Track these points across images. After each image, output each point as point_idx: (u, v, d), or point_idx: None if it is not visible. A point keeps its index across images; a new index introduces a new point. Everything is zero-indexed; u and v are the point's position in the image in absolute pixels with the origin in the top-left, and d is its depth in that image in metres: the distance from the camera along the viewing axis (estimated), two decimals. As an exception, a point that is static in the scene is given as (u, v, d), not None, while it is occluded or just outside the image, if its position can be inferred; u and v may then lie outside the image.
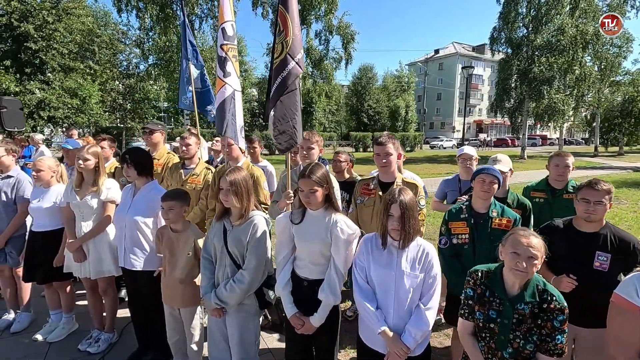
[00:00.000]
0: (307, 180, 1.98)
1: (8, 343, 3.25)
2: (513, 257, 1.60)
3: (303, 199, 2.01)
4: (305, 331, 2.02)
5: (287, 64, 2.43)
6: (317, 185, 1.98)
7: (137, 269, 2.72)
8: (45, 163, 3.19)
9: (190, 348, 2.61)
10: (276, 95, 2.46)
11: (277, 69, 2.45)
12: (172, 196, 2.43)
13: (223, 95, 2.89)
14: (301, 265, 2.09)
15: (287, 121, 2.52)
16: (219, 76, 2.91)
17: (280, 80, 2.43)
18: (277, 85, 2.45)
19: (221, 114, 2.92)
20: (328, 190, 2.03)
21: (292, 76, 2.46)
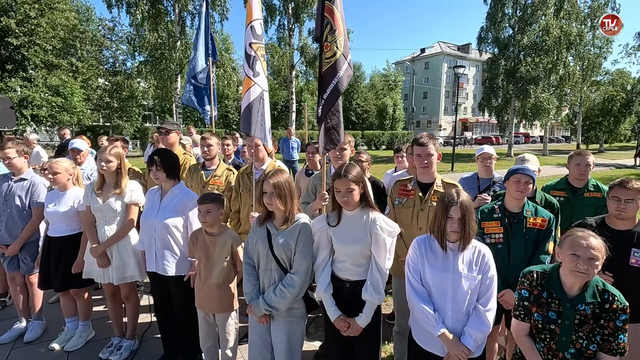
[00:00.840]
0: (344, 180, 1.97)
1: (24, 353, 3.12)
2: (573, 258, 1.61)
3: (340, 199, 1.99)
4: (352, 333, 2.01)
5: (342, 65, 2.40)
6: (354, 184, 1.97)
7: (170, 274, 2.64)
8: (61, 165, 3.06)
9: (225, 354, 2.56)
10: (332, 97, 2.43)
11: (331, 70, 2.41)
12: (210, 199, 2.37)
13: (251, 95, 2.83)
14: (341, 267, 2.07)
15: (329, 122, 2.50)
16: (247, 75, 2.84)
17: (336, 81, 2.40)
18: (334, 88, 2.41)
19: (249, 114, 2.86)
20: (364, 189, 2.02)
21: (347, 78, 2.43)
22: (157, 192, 2.76)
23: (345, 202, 1.99)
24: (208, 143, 3.36)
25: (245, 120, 2.86)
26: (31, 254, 3.28)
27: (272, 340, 2.19)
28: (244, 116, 2.88)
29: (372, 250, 1.99)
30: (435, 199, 2.42)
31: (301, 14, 16.74)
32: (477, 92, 60.73)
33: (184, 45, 14.35)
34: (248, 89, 2.84)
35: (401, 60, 62.68)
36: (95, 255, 2.85)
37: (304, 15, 16.77)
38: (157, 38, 14.14)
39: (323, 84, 2.49)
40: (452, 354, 1.79)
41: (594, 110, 30.93)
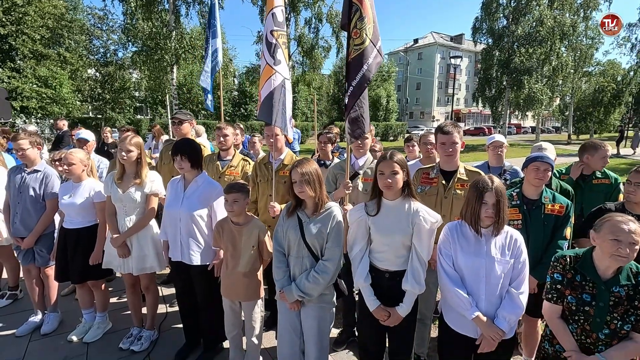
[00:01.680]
0: (389, 162, 1.98)
1: (43, 345, 3.11)
2: (614, 243, 1.65)
3: (383, 181, 1.99)
4: (392, 323, 2.04)
5: (370, 53, 2.39)
6: (398, 167, 1.98)
7: (195, 263, 2.65)
8: (76, 156, 3.02)
9: (251, 341, 2.58)
10: (360, 85, 2.42)
11: (359, 58, 2.40)
12: (237, 188, 2.37)
13: (272, 84, 2.81)
14: (380, 257, 2.09)
15: (357, 110, 2.50)
16: (268, 64, 2.81)
17: (365, 69, 2.39)
18: (362, 76, 2.40)
19: (269, 103, 2.84)
20: (407, 176, 2.03)
21: (376, 66, 2.43)
22: (180, 182, 2.75)
23: (388, 185, 1.98)
24: (224, 133, 3.33)
25: (266, 110, 2.84)
26: (47, 246, 3.24)
27: (302, 325, 2.22)
28: (265, 105, 2.85)
29: (414, 241, 2.01)
30: (459, 187, 2.46)
31: (298, 3, 16.51)
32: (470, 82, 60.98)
33: (180, 35, 14.08)
34: (268, 77, 2.81)
35: (395, 51, 62.47)
36: (115, 245, 2.83)
37: (301, 5, 16.55)
38: (151, 27, 13.82)
39: (350, 71, 2.48)
40: (486, 336, 1.84)
41: (585, 101, 31.35)
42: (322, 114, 46.78)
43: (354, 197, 2.76)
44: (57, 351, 3.02)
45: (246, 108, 34.09)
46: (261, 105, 2.87)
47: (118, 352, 3.01)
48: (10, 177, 3.21)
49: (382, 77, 50.49)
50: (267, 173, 3.14)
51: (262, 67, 2.86)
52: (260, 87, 2.85)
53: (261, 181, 3.16)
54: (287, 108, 2.88)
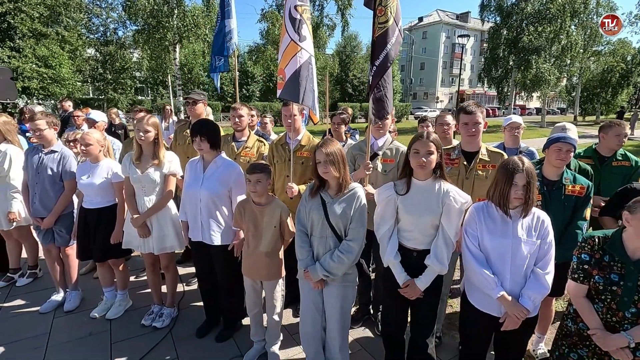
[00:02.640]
0: (425, 142, 1.97)
1: (67, 321, 3.19)
2: None
3: (417, 160, 1.99)
4: (411, 294, 2.08)
5: (393, 33, 2.33)
6: (435, 147, 1.97)
7: (216, 243, 2.68)
8: (93, 137, 3.00)
9: (272, 319, 2.64)
10: (384, 64, 2.37)
11: (383, 36, 2.35)
12: (260, 169, 2.37)
13: (298, 62, 2.75)
14: (408, 236, 2.11)
15: (381, 90, 2.46)
16: (293, 40, 2.74)
17: (389, 47, 2.34)
18: (385, 56, 2.35)
19: (295, 82, 2.78)
20: (441, 158, 2.02)
21: (398, 45, 2.37)
22: (199, 163, 2.74)
23: (422, 164, 1.97)
24: (239, 114, 3.29)
25: (292, 88, 2.78)
26: (66, 226, 3.28)
27: (325, 304, 2.26)
28: (290, 84, 2.79)
29: (442, 221, 2.02)
30: (481, 168, 2.45)
31: (301, -21, 15.95)
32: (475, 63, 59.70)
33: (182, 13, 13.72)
34: (294, 55, 2.74)
35: (399, 30, 60.96)
36: (136, 225, 2.86)
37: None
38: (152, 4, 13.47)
39: (375, 50, 2.42)
40: (510, 314, 1.87)
41: (593, 81, 30.78)
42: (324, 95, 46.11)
43: (372, 178, 2.76)
44: (81, 327, 3.11)
45: (248, 89, 33.65)
46: (286, 83, 2.80)
47: (140, 328, 3.09)
48: (28, 158, 3.21)
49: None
50: (284, 154, 3.12)
51: (286, 44, 2.78)
52: (283, 65, 2.78)
53: (278, 162, 3.15)
54: (314, 86, 2.84)
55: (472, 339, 2.09)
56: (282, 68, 2.79)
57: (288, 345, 2.88)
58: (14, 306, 3.43)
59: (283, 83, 2.79)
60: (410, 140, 2.07)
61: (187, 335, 3.02)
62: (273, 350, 2.71)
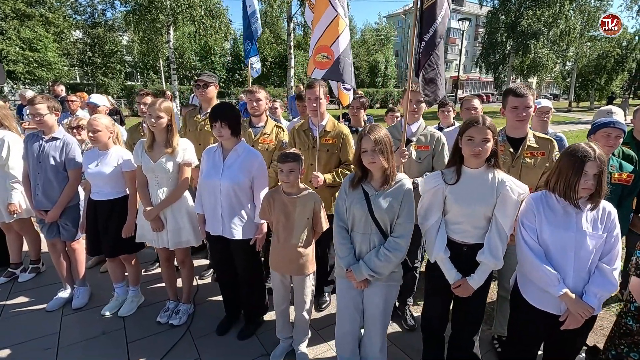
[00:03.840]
0: (481, 128, 1.79)
1: (77, 319, 3.01)
2: None
3: (471, 149, 1.82)
4: (463, 293, 1.94)
5: (442, 5, 2.12)
6: (491, 134, 1.80)
7: (237, 237, 2.49)
8: (101, 122, 2.76)
9: (302, 316, 2.49)
10: (433, 40, 2.16)
11: (432, 8, 2.13)
12: (292, 157, 2.17)
13: (346, 39, 2.55)
14: (457, 229, 1.95)
15: (434, 69, 2.26)
16: (340, 15, 2.51)
17: (439, 21, 2.13)
18: (435, 30, 2.15)
19: (344, 61, 2.59)
20: (496, 144, 1.85)
21: (447, 19, 2.17)
22: (218, 150, 2.53)
23: (477, 153, 1.81)
24: (257, 97, 3.06)
25: (338, 68, 2.57)
26: (72, 219, 3.06)
27: (367, 303, 2.11)
28: (337, 64, 2.58)
29: (496, 213, 1.86)
30: (529, 155, 2.29)
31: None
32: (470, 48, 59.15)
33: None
34: (343, 30, 2.53)
35: (394, 13, 59.92)
36: (149, 218, 2.66)
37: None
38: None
39: (423, 24, 2.21)
40: (573, 313, 1.74)
41: (588, 67, 30.72)
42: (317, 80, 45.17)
43: (406, 166, 2.58)
44: (93, 325, 2.93)
45: (241, 74, 32.91)
46: (333, 63, 2.59)
47: (156, 325, 2.93)
48: (28, 146, 2.96)
49: (380, 42, 48.81)
50: (307, 140, 2.93)
51: (330, 18, 2.54)
52: (329, 42, 2.54)
53: (301, 149, 2.93)
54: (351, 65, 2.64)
55: (524, 338, 1.97)
56: (327, 45, 2.56)
57: (314, 342, 2.74)
58: (18, 304, 3.23)
59: (330, 62, 2.56)
60: (463, 126, 1.89)
61: (206, 332, 2.87)
62: (301, 348, 2.57)
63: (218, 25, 14.58)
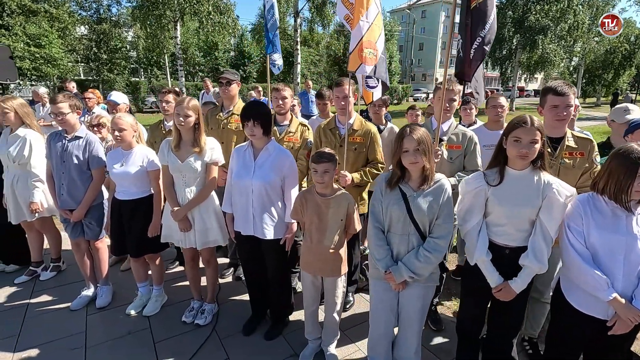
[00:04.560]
0: (530, 129, 1.74)
1: (102, 319, 3.00)
2: None
3: (518, 151, 1.77)
4: (504, 297, 1.90)
5: (493, 4, 2.07)
6: (540, 135, 1.75)
7: (269, 237, 2.47)
8: (126, 121, 2.73)
9: (332, 317, 2.47)
10: (485, 43, 2.11)
11: (482, 8, 2.08)
12: (327, 157, 2.14)
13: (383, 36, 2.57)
14: (499, 231, 1.91)
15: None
16: (380, 12, 2.50)
17: (492, 19, 2.08)
18: (488, 30, 2.09)
19: (383, 57, 2.61)
20: (544, 145, 1.80)
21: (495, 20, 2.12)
22: (248, 150, 2.49)
23: (524, 155, 1.76)
24: (282, 95, 3.02)
25: (382, 65, 2.58)
26: (96, 218, 3.04)
27: (403, 305, 2.08)
28: (382, 60, 2.59)
29: (541, 215, 1.82)
30: (567, 156, 2.24)
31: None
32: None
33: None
34: (382, 28, 2.55)
35: (398, 8, 59.49)
36: (177, 218, 2.63)
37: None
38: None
39: (472, 22, 2.14)
40: (623, 318, 1.70)
41: (596, 62, 30.40)
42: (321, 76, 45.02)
43: (437, 166, 2.53)
44: (118, 325, 2.92)
45: (245, 69, 32.76)
46: (379, 60, 2.57)
47: (181, 325, 2.91)
48: (51, 145, 2.93)
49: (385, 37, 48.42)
50: (334, 139, 2.89)
51: (374, 15, 2.52)
52: (374, 38, 2.52)
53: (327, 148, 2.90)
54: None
55: (568, 342, 1.93)
56: (373, 41, 2.54)
57: (342, 343, 2.71)
58: (41, 302, 3.22)
59: (376, 59, 2.55)
60: (509, 126, 1.84)
61: (232, 332, 2.85)
62: (330, 349, 2.55)
63: (225, 21, 14.47)
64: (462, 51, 2.25)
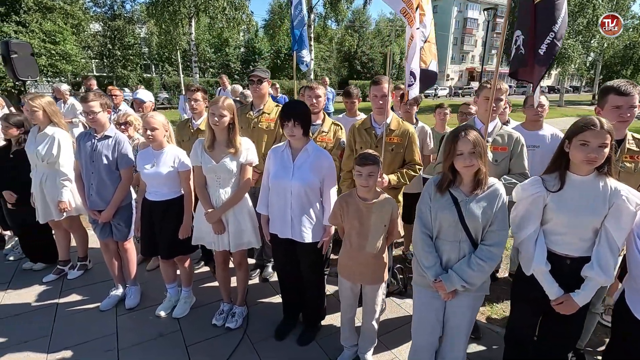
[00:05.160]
0: (600, 132, 1.62)
1: (132, 320, 2.97)
2: None
3: (585, 155, 1.65)
4: (567, 310, 1.80)
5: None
6: (610, 138, 1.64)
7: (307, 241, 2.39)
8: (158, 120, 2.67)
9: (371, 325, 2.39)
10: (557, 38, 1.99)
11: (549, 5, 1.96)
12: (373, 159, 2.05)
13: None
14: (559, 240, 1.80)
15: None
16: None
17: (562, 18, 1.96)
18: (561, 24, 1.97)
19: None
20: (612, 149, 1.69)
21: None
22: (286, 150, 2.41)
23: (591, 160, 1.65)
24: (316, 94, 2.93)
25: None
26: (125, 218, 3.00)
27: (451, 314, 1.98)
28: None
29: (607, 224, 1.70)
30: (628, 159, 2.11)
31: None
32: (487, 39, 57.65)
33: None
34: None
35: (409, 4, 58.64)
36: (211, 221, 2.57)
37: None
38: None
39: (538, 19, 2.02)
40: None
41: (614, 58, 29.61)
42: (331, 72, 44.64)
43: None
44: (149, 326, 2.89)
45: (255, 65, 32.72)
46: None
47: (212, 328, 2.87)
48: (80, 145, 2.89)
49: (395, 32, 47.89)
50: (370, 139, 2.79)
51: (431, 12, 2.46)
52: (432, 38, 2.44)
53: (362, 148, 2.80)
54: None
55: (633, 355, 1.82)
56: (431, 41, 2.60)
57: (378, 350, 2.63)
58: (71, 302, 3.21)
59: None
60: (574, 128, 1.73)
61: (264, 336, 2.79)
62: (367, 357, 2.47)
63: (240, 17, 14.39)
64: (523, 49, 2.11)
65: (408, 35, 2.45)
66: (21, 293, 3.33)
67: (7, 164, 3.41)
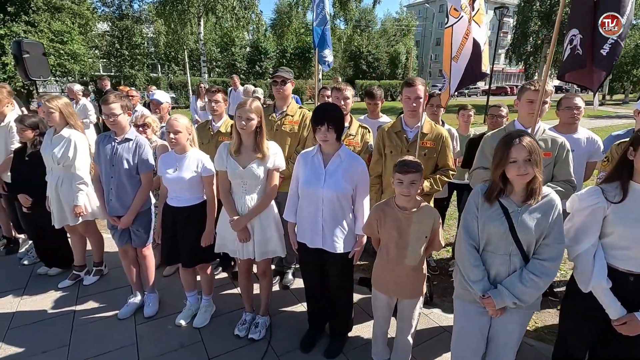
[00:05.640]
0: None
1: (152, 329, 2.87)
2: None
3: None
4: (631, 332, 1.67)
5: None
6: None
7: (339, 251, 2.27)
8: (181, 122, 2.57)
9: (406, 340, 2.26)
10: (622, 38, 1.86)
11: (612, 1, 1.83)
12: (416, 167, 1.92)
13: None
14: (622, 255, 1.67)
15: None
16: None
17: (627, 15, 1.83)
18: (625, 22, 1.85)
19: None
20: None
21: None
22: (317, 155, 2.30)
23: None
24: (345, 95, 2.81)
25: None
26: (144, 224, 2.90)
27: (498, 331, 1.86)
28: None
29: None
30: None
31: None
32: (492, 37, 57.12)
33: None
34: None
35: (415, 3, 58.36)
36: (237, 228, 2.46)
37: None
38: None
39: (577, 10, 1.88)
40: None
41: (625, 57, 29.17)
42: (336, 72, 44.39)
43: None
44: (169, 336, 2.78)
45: (261, 65, 32.63)
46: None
47: (234, 339, 2.76)
48: (100, 148, 2.79)
49: (401, 32, 47.56)
50: (400, 143, 2.67)
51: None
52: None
53: (392, 153, 2.69)
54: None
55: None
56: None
57: (410, 364, 2.51)
58: (88, 310, 3.11)
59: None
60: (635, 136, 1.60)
61: (289, 348, 2.68)
62: (400, 372, 2.35)
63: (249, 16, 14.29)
64: (580, 49, 1.98)
65: (462, 32, 2.30)
66: (37, 300, 3.24)
67: (22, 166, 3.33)
